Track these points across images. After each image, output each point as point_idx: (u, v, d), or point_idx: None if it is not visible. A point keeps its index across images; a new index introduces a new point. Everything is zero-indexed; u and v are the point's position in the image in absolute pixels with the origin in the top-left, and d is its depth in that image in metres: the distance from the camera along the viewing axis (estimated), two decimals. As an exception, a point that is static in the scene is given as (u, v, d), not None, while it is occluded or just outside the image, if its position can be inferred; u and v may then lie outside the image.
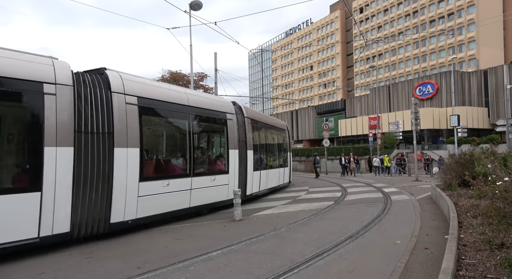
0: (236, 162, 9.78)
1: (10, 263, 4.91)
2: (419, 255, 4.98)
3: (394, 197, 11.42)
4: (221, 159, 9.68)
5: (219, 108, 9.46)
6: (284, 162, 15.44)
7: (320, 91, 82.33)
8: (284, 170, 15.33)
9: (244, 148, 10.35)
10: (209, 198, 8.77)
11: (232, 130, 9.70)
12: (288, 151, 16.42)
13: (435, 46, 58.07)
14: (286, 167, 15.83)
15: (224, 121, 9.56)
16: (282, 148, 15.51)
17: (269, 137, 13.47)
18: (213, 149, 10.09)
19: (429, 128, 41.16)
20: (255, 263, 4.68)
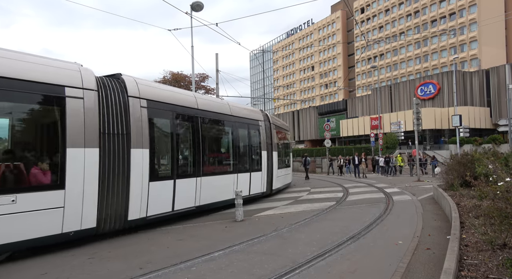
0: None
1: (13, 264, 4.94)
2: (421, 255, 4.98)
3: (396, 197, 11.41)
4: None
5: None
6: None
7: (322, 92, 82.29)
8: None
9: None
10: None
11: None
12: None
13: (437, 46, 57.95)
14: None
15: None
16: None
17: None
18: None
19: (431, 128, 41.09)
20: (257, 264, 4.69)
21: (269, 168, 12.09)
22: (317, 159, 37.03)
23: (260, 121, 11.78)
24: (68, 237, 5.57)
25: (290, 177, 16.07)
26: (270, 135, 12.34)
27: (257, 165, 11.35)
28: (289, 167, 15.84)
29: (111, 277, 4.35)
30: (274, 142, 12.69)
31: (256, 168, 11.21)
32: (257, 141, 11.46)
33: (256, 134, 11.47)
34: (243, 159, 10.57)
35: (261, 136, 11.63)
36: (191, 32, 16.15)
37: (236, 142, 10.23)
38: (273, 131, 12.72)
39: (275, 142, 12.85)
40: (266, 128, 12.16)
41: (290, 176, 16.07)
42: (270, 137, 12.34)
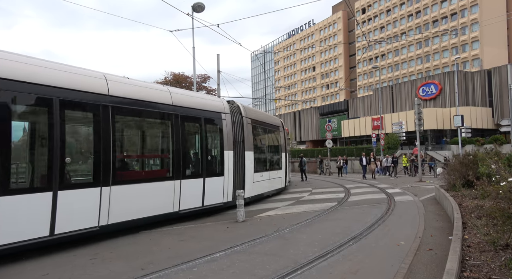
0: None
1: (15, 264, 4.95)
2: (423, 256, 4.96)
3: (398, 197, 11.38)
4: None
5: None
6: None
7: (323, 92, 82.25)
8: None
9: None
10: None
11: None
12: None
13: (438, 46, 57.86)
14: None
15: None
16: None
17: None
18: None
19: (432, 128, 41.01)
20: (259, 264, 4.69)
21: (239, 171, 9.96)
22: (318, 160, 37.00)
23: (223, 113, 9.47)
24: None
25: (280, 181, 13.93)
26: (241, 131, 10.15)
27: (217, 168, 9.30)
28: (277, 169, 13.64)
29: (113, 277, 4.35)
30: (249, 140, 10.53)
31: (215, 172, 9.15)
32: (217, 138, 9.39)
33: (216, 130, 9.36)
34: (190, 161, 8.60)
35: (224, 133, 9.37)
36: (192, 33, 16.18)
37: (179, 140, 7.88)
38: (247, 126, 10.46)
39: (251, 139, 10.66)
40: (235, 123, 9.93)
41: (280, 180, 13.93)
42: (242, 134, 10.17)
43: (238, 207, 8.00)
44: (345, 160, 27.69)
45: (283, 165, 14.50)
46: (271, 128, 13.46)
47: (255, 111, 12.55)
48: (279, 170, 13.78)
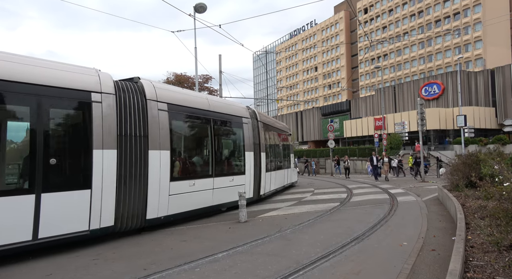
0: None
1: (17, 265, 4.97)
2: (426, 256, 4.94)
3: (400, 198, 11.34)
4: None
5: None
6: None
7: (325, 92, 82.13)
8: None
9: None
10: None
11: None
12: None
13: (441, 46, 57.62)
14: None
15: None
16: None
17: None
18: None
19: (435, 128, 40.82)
20: (261, 265, 4.68)
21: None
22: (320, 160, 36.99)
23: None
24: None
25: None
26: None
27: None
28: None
29: (115, 278, 4.36)
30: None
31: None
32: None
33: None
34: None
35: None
36: (194, 34, 16.21)
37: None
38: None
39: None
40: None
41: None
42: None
43: (240, 208, 8.01)
44: (337, 160, 27.58)
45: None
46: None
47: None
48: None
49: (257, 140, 10.84)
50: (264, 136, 11.42)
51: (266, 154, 11.44)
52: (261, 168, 10.87)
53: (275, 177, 12.82)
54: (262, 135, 11.23)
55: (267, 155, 11.64)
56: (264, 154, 11.22)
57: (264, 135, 11.52)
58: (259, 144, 10.89)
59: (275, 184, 12.69)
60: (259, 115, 11.48)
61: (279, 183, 13.56)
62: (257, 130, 10.93)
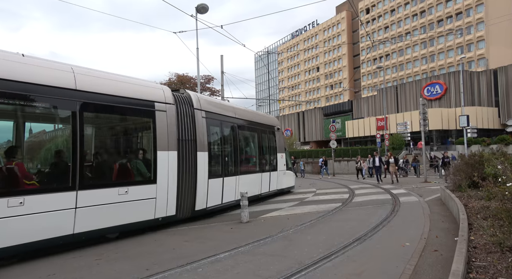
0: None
1: (21, 264, 5.00)
2: (429, 257, 4.93)
3: (403, 198, 11.32)
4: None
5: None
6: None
7: (327, 93, 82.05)
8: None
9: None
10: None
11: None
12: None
13: (443, 46, 57.45)
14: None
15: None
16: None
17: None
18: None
19: (437, 129, 40.72)
20: (263, 265, 4.69)
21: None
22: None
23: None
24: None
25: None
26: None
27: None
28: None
29: (118, 278, 4.38)
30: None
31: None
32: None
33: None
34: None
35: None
36: (196, 35, 16.25)
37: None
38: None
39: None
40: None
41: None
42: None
43: (242, 208, 8.01)
44: (325, 161, 27.22)
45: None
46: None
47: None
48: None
49: (190, 135, 8.01)
50: (209, 130, 8.75)
51: (210, 154, 8.70)
52: (197, 173, 8.08)
53: (237, 184, 9.91)
54: (204, 129, 8.48)
55: (213, 155, 8.98)
56: (207, 153, 8.43)
57: (210, 129, 8.89)
58: (194, 140, 8.09)
59: (234, 192, 9.78)
60: (200, 101, 8.64)
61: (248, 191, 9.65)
62: (191, 121, 8.14)
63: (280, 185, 13.35)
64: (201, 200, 8.28)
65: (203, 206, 8.36)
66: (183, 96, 8.36)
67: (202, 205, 8.36)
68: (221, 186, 9.15)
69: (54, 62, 5.99)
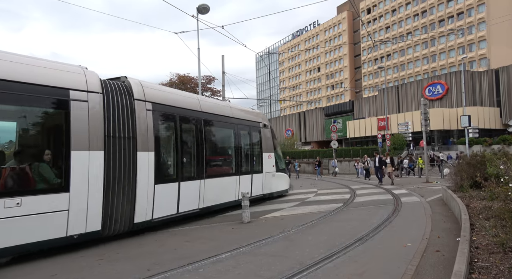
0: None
1: (22, 265, 5.00)
2: (431, 257, 4.92)
3: (404, 198, 11.29)
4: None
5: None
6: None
7: (328, 93, 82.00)
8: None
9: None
10: None
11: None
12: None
13: (445, 46, 57.34)
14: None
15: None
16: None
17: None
18: None
19: (439, 129, 40.61)
20: (264, 265, 4.68)
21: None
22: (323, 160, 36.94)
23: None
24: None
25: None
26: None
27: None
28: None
29: (119, 278, 4.38)
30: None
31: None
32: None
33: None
34: None
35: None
36: (197, 35, 16.26)
37: None
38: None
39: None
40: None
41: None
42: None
43: (243, 208, 8.01)
44: (319, 161, 26.23)
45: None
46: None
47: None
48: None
49: (126, 131, 6.60)
50: (158, 125, 7.37)
51: (159, 154, 7.32)
52: (137, 177, 6.66)
53: (202, 189, 8.42)
54: (150, 124, 7.08)
55: (164, 155, 7.64)
56: (153, 153, 7.02)
57: (161, 124, 7.57)
58: (133, 137, 6.69)
59: (199, 199, 8.31)
60: (145, 91, 7.19)
61: (220, 197, 9.26)
62: (129, 115, 6.71)
63: (267, 189, 11.68)
64: (142, 210, 6.76)
65: (147, 217, 6.86)
66: (119, 85, 6.85)
67: (145, 216, 6.82)
68: (176, 192, 7.59)
69: None
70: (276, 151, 12.69)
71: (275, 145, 12.67)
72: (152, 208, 7.02)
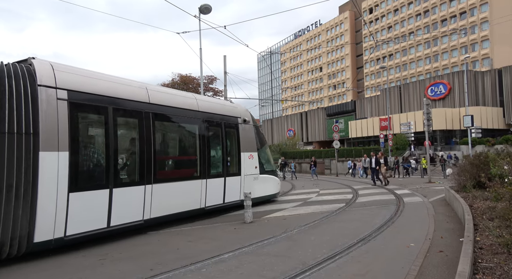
0: None
1: (24, 265, 5.02)
2: (434, 258, 4.89)
3: (407, 199, 11.26)
4: None
5: None
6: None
7: (330, 93, 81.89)
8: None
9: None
10: None
11: None
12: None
13: (447, 46, 57.13)
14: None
15: None
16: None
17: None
18: None
19: (441, 129, 40.48)
20: (267, 266, 4.67)
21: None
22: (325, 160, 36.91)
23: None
24: None
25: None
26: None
27: None
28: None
29: (122, 278, 4.38)
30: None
31: None
32: None
33: None
34: None
35: None
36: (199, 35, 16.27)
37: None
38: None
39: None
40: None
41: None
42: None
43: (245, 208, 8.00)
44: (314, 162, 25.26)
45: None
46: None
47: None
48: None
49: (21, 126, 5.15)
50: (77, 119, 5.99)
51: (79, 154, 6.00)
52: (38, 184, 5.24)
53: (148, 195, 6.94)
54: (63, 117, 5.67)
55: (86, 156, 6.32)
56: (67, 154, 5.65)
57: (82, 118, 6.27)
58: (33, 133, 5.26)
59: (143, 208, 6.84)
60: (56, 75, 5.80)
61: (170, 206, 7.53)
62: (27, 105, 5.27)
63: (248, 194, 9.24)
64: (47, 226, 5.26)
65: (56, 234, 5.37)
66: (21, 68, 5.40)
67: (53, 233, 5.34)
68: (105, 201, 6.13)
69: None
70: (261, 151, 11.16)
71: (260, 144, 11.12)
72: (65, 223, 5.51)
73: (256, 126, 11.07)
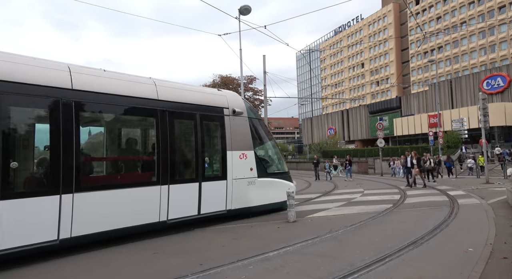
0: None
1: (88, 251, 5.45)
2: (497, 264, 4.51)
3: (462, 200, 10.50)
4: None
5: None
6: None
7: (373, 89, 78.81)
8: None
9: None
10: None
11: None
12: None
13: (506, 35, 52.23)
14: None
15: None
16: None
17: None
18: None
19: (500, 125, 37.21)
20: (313, 266, 4.62)
21: None
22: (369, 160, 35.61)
23: None
24: None
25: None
26: None
27: None
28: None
29: (175, 271, 4.58)
30: None
31: None
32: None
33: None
34: None
35: None
36: (239, 36, 16.51)
37: None
38: None
39: None
40: None
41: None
42: None
43: (289, 207, 7.98)
44: (349, 160, 23.40)
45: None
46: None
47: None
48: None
49: None
50: None
51: None
52: None
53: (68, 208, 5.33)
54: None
55: None
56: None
57: None
58: None
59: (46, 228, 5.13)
60: None
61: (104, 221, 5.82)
62: None
63: (241, 202, 8.19)
64: None
65: None
66: None
67: None
68: None
69: None
70: (263, 149, 9.41)
71: (261, 140, 9.34)
72: None
73: (254, 119, 9.02)
